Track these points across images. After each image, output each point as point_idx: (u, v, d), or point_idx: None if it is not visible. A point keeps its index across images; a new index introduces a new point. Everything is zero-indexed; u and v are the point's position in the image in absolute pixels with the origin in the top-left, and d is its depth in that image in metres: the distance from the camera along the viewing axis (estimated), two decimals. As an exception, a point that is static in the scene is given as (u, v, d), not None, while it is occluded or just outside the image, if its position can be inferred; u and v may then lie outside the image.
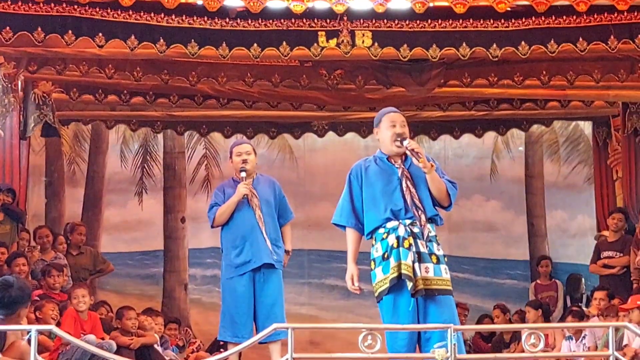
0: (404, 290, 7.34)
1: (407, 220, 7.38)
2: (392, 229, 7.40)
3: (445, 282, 7.35)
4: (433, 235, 7.40)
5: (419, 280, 7.27)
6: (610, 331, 6.94)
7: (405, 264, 7.29)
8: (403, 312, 7.37)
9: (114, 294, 14.22)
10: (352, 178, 7.71)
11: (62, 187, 15.00)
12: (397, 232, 7.37)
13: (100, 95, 12.88)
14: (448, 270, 7.40)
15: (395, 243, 7.36)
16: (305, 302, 14.94)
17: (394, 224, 7.41)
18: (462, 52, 10.53)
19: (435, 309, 7.33)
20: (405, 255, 7.30)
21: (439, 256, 7.36)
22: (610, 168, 14.00)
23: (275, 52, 10.46)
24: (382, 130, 7.69)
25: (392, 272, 7.36)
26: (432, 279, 7.31)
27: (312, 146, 15.29)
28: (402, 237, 7.35)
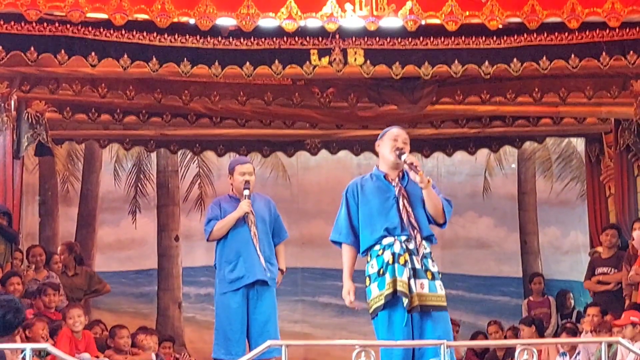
0: (398, 306, 7.36)
1: (402, 237, 7.39)
2: (387, 245, 7.42)
3: (440, 298, 7.36)
4: (428, 252, 7.41)
5: (414, 296, 7.28)
6: (602, 347, 6.96)
7: (401, 281, 7.30)
8: (398, 327, 7.38)
9: (108, 312, 14.21)
10: (348, 196, 7.71)
11: (56, 206, 15.00)
12: (392, 249, 7.38)
13: (94, 114, 12.90)
14: (443, 287, 7.41)
15: (391, 259, 7.36)
16: (299, 320, 14.94)
17: (389, 240, 7.42)
18: (454, 70, 10.57)
19: (430, 325, 7.35)
20: (401, 272, 7.31)
21: (434, 272, 7.37)
22: (603, 184, 14.03)
23: (268, 70, 10.50)
24: (384, 142, 7.67)
25: (387, 288, 7.37)
26: (427, 295, 7.32)
27: (305, 164, 15.32)
28: (397, 254, 7.35)
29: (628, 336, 9.89)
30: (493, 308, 14.84)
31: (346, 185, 7.85)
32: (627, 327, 10.20)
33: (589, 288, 12.78)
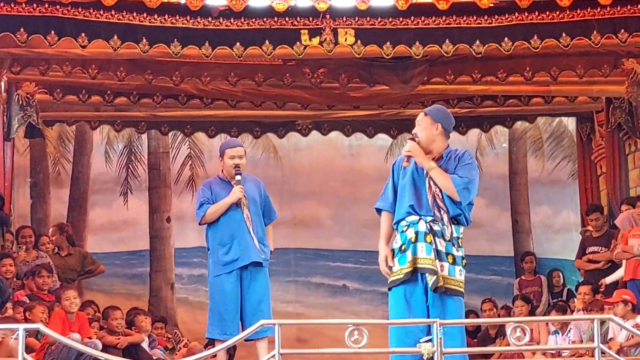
0: (417, 285, 7.37)
1: (428, 217, 7.38)
2: (412, 223, 7.41)
3: (459, 284, 7.38)
4: (455, 237, 7.38)
5: (440, 276, 7.31)
6: (595, 324, 6.97)
7: (429, 259, 7.30)
8: (415, 305, 7.42)
9: (101, 294, 14.21)
10: (394, 167, 7.72)
11: (47, 187, 14.98)
12: (416, 227, 7.38)
13: (84, 95, 12.87)
14: (463, 273, 7.39)
15: (414, 237, 7.37)
16: (292, 300, 14.96)
17: (414, 218, 7.41)
18: (445, 49, 10.57)
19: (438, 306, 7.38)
20: (429, 250, 7.32)
21: (456, 257, 7.36)
22: (594, 163, 14.05)
23: (258, 51, 10.48)
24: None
25: (407, 266, 7.37)
26: (447, 278, 7.35)
27: (296, 145, 15.31)
28: (422, 233, 7.36)
29: (619, 314, 9.94)
30: (485, 287, 14.86)
31: (337, 165, 7.90)
32: (618, 305, 10.24)
33: (579, 267, 12.82)
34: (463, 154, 7.56)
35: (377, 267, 7.65)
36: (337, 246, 15.19)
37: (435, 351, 6.61)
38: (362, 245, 15.05)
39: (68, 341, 7.63)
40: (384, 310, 14.54)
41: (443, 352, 6.67)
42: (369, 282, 14.92)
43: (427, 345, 6.62)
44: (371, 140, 14.87)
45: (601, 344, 7.01)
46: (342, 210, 15.21)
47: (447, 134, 7.60)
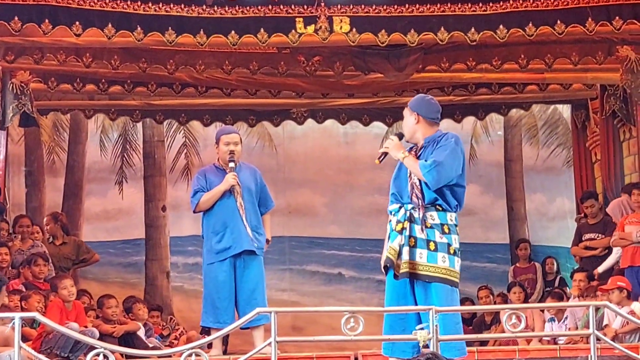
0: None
1: (409, 205, 7.44)
2: (395, 211, 7.51)
3: (439, 270, 7.34)
4: (437, 224, 7.38)
5: (404, 263, 7.32)
6: (590, 310, 6.99)
7: (392, 248, 7.38)
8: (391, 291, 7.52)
9: (96, 282, 14.22)
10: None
11: (42, 176, 14.96)
12: (397, 215, 7.47)
13: (79, 84, 12.85)
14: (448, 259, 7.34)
15: (394, 226, 7.45)
16: (287, 288, 14.98)
17: (396, 206, 7.52)
18: (440, 37, 10.57)
19: (422, 294, 7.39)
20: (393, 238, 7.39)
21: (439, 244, 7.35)
22: (589, 150, 14.07)
23: (253, 39, 10.48)
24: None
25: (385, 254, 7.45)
26: (420, 264, 7.35)
27: (291, 133, 15.30)
28: (397, 221, 7.44)
29: (615, 301, 9.97)
30: (480, 274, 14.88)
31: (332, 154, 7.99)
32: (613, 291, 10.27)
33: (576, 254, 12.84)
34: (442, 137, 7.52)
35: (372, 255, 7.71)
36: (332, 234, 15.20)
37: (431, 338, 6.63)
38: (357, 233, 15.08)
39: (65, 330, 7.65)
40: (380, 298, 14.55)
41: (439, 339, 6.69)
42: (364, 270, 14.94)
43: (423, 333, 6.64)
44: (366, 128, 14.87)
45: (596, 331, 7.04)
46: (337, 199, 15.22)
47: (431, 121, 7.60)
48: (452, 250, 7.38)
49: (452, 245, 7.39)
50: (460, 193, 7.46)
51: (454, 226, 7.43)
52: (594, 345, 7.09)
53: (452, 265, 7.37)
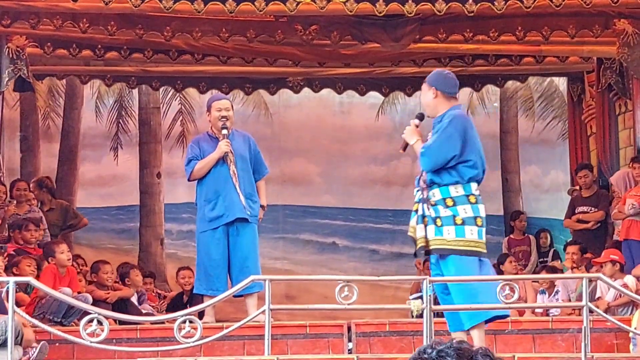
0: None
1: (419, 187, 7.64)
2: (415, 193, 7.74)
3: (444, 242, 7.45)
4: (441, 199, 7.47)
5: (419, 239, 7.51)
6: (584, 282, 7.03)
7: (411, 227, 7.64)
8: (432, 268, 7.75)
9: (89, 248, 14.23)
10: None
11: (37, 141, 14.94)
12: (415, 198, 7.67)
13: (75, 49, 12.80)
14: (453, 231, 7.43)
15: (413, 207, 7.69)
16: (280, 257, 15.00)
17: (415, 190, 7.72)
18: (437, 8, 10.54)
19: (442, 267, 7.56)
20: (412, 218, 7.64)
21: (443, 218, 7.45)
22: (584, 123, 14.08)
23: (251, 7, 10.44)
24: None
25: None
26: (430, 240, 7.49)
27: (287, 102, 15.28)
28: (414, 202, 7.66)
29: (607, 274, 10.00)
30: (474, 245, 14.88)
31: (327, 123, 8.07)
32: (606, 264, 10.31)
33: (568, 226, 12.88)
34: (443, 117, 7.60)
35: (365, 224, 7.79)
36: (326, 203, 15.21)
37: (424, 308, 6.66)
38: (351, 203, 15.09)
39: (59, 295, 7.67)
40: (373, 268, 14.67)
41: (432, 309, 6.72)
42: (357, 240, 14.95)
43: (417, 302, 6.68)
44: (362, 98, 14.85)
45: (589, 303, 7.07)
46: (331, 168, 15.22)
47: (449, 95, 7.66)
48: (460, 221, 7.43)
49: (459, 215, 7.43)
50: (465, 169, 7.50)
51: (462, 197, 7.46)
52: (587, 317, 7.13)
53: (460, 235, 7.43)
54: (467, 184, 7.49)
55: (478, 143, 7.60)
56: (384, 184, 15.01)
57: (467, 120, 7.68)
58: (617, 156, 12.66)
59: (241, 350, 8.57)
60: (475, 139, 7.59)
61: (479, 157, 7.55)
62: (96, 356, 7.59)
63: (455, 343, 2.76)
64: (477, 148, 7.57)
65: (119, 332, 8.76)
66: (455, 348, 2.71)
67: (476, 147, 7.55)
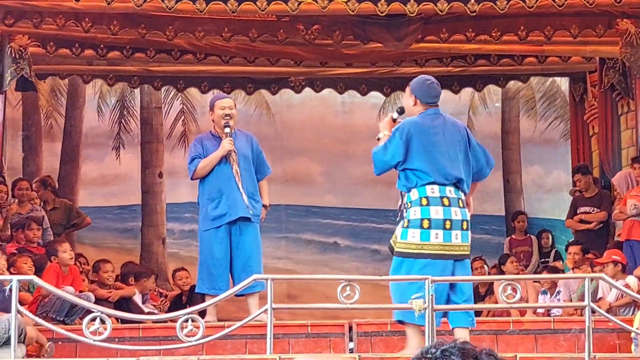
0: None
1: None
2: None
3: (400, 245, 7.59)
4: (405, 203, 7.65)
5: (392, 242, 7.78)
6: (586, 282, 7.02)
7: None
8: None
9: (92, 247, 14.23)
10: None
11: (40, 141, 14.95)
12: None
13: (77, 49, 12.80)
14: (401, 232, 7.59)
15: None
16: (282, 256, 15.00)
17: None
18: (440, 7, 10.53)
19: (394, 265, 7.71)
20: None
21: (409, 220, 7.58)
22: (586, 124, 14.07)
23: (253, 6, 10.43)
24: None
25: None
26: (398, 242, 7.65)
27: (289, 102, 15.28)
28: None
29: (609, 274, 9.98)
30: (475, 246, 14.65)
31: (329, 123, 8.14)
32: (608, 265, 10.30)
33: (570, 226, 12.87)
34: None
35: (368, 224, 7.83)
36: (328, 203, 15.22)
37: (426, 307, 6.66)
38: (353, 203, 15.09)
39: (62, 293, 7.67)
40: (374, 268, 14.66)
41: (434, 309, 6.72)
42: (359, 239, 14.95)
43: (419, 302, 6.68)
44: (364, 98, 14.85)
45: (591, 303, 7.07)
46: (333, 168, 15.22)
47: (426, 104, 7.80)
48: (406, 223, 7.56)
49: (408, 218, 7.57)
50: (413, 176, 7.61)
51: (415, 200, 7.56)
52: (589, 317, 7.12)
53: (404, 238, 7.56)
54: (420, 187, 7.58)
55: (432, 149, 7.62)
56: (386, 184, 14.93)
57: (418, 127, 7.65)
58: (619, 156, 12.65)
59: (243, 349, 8.58)
60: (428, 145, 7.61)
61: (429, 163, 7.57)
62: (99, 355, 7.59)
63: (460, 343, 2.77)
64: (428, 154, 7.60)
65: (121, 330, 8.77)
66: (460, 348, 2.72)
67: (426, 154, 7.59)
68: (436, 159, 7.58)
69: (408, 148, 7.56)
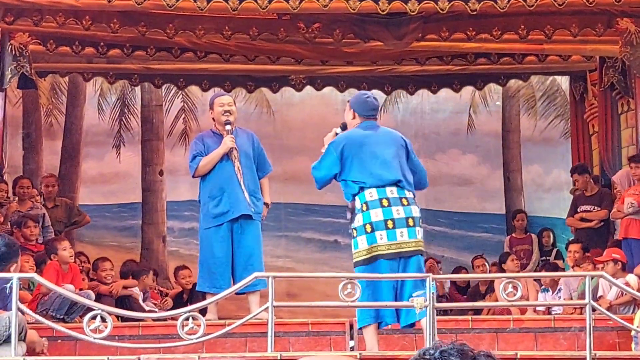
0: None
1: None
2: None
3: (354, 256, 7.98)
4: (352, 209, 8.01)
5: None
6: (587, 280, 7.02)
7: None
8: None
9: (91, 245, 14.23)
10: None
11: (40, 139, 14.94)
12: None
13: (77, 47, 12.79)
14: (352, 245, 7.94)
15: None
16: (282, 255, 14.99)
17: None
18: (440, 6, 10.53)
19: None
20: None
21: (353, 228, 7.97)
22: (586, 122, 14.07)
23: (253, 4, 10.43)
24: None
25: None
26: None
27: (289, 100, 15.27)
28: None
29: (609, 273, 9.98)
30: (475, 244, 14.91)
31: (330, 121, 8.31)
32: (608, 263, 10.31)
33: (571, 225, 12.87)
34: None
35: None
36: (328, 202, 15.17)
37: (427, 305, 6.67)
38: (354, 201, 15.07)
39: (62, 290, 7.67)
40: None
41: (435, 307, 6.73)
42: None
43: (420, 300, 6.68)
44: (365, 96, 14.83)
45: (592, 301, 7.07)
46: (334, 166, 15.19)
47: (365, 118, 8.15)
48: (355, 232, 7.87)
49: (354, 227, 7.87)
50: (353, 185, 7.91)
51: (359, 208, 7.85)
52: (590, 315, 7.13)
53: (355, 247, 7.89)
54: (360, 194, 7.85)
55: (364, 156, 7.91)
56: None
57: (350, 138, 8.01)
58: (619, 155, 12.66)
59: (243, 347, 8.58)
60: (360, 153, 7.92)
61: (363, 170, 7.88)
62: (99, 353, 7.59)
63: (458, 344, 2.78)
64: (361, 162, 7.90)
65: (121, 329, 8.77)
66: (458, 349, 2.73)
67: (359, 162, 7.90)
68: (368, 165, 7.88)
69: (342, 159, 7.93)
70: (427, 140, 14.91)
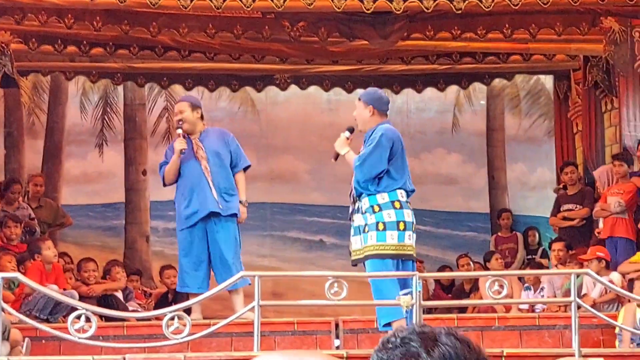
0: None
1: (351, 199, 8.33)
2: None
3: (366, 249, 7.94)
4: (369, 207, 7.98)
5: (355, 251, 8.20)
6: (572, 278, 7.03)
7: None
8: None
9: (75, 246, 14.13)
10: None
11: (22, 138, 14.82)
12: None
13: (60, 45, 12.74)
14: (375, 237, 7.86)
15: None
16: (267, 254, 14.95)
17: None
18: (425, 5, 10.52)
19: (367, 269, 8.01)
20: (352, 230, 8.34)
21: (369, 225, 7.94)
22: (570, 121, 14.10)
23: (238, 2, 10.39)
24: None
25: None
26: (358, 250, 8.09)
27: (274, 99, 15.23)
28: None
29: (593, 271, 9.99)
30: (460, 243, 14.91)
31: (315, 120, 8.34)
32: (592, 262, 10.33)
33: (554, 224, 12.88)
34: (372, 131, 8.14)
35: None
36: (314, 201, 15.17)
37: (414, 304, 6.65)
38: (339, 201, 14.95)
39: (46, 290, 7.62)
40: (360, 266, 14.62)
41: (421, 305, 6.71)
42: (345, 237, 14.79)
43: (406, 298, 6.67)
44: (350, 95, 14.77)
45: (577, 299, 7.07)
46: (319, 165, 15.13)
47: (382, 112, 8.24)
48: (382, 226, 7.83)
49: (382, 220, 7.83)
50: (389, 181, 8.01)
51: (387, 203, 7.90)
52: (575, 312, 7.13)
53: (382, 240, 7.82)
54: (392, 191, 7.94)
55: (404, 157, 8.13)
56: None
57: (395, 135, 8.15)
58: (602, 153, 12.69)
59: (229, 347, 8.55)
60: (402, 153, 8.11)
61: (402, 170, 8.05)
62: (83, 353, 7.54)
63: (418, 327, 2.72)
64: (402, 162, 8.09)
65: (105, 329, 8.73)
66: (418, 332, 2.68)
67: (400, 162, 8.07)
68: (405, 167, 8.13)
69: (391, 155, 8.03)
70: (413, 140, 14.87)
